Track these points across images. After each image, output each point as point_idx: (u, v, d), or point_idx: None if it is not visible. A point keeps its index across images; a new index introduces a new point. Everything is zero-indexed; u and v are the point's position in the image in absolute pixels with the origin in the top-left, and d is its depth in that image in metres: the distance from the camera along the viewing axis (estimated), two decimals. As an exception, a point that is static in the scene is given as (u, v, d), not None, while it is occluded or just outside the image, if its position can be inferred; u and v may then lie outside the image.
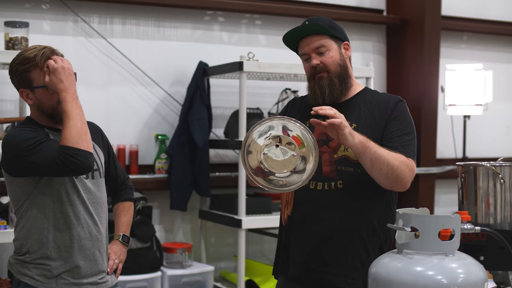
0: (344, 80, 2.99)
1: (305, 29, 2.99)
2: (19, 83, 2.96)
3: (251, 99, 5.76)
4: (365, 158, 2.75)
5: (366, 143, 2.74)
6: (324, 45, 2.97)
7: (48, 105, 2.95)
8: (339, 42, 3.01)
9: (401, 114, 2.97)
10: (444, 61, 6.80)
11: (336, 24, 3.04)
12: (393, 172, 2.77)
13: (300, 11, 6.23)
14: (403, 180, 2.81)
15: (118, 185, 3.36)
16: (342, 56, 3.00)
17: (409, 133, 2.94)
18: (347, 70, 3.01)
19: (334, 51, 2.98)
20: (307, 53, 3.01)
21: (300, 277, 3.00)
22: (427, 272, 2.25)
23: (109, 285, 3.07)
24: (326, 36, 2.97)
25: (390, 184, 2.83)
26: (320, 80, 2.98)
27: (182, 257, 5.45)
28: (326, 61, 2.96)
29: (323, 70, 2.97)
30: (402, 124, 2.93)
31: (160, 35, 5.87)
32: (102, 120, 3.38)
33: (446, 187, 7.04)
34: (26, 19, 4.83)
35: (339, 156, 2.91)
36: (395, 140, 2.87)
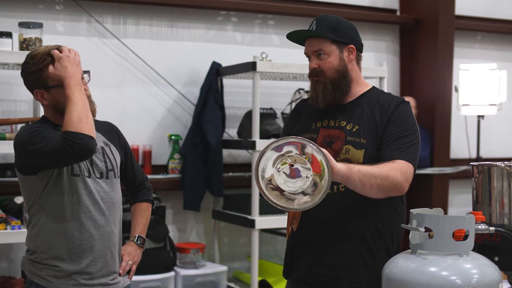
0: (340, 86, 2.96)
1: (305, 33, 3.00)
2: (33, 84, 2.93)
3: (264, 99, 5.76)
4: (354, 180, 2.71)
5: (348, 167, 2.69)
6: (323, 50, 2.95)
7: (65, 104, 2.90)
8: (341, 46, 2.97)
9: (402, 116, 2.92)
10: (457, 61, 6.78)
11: (344, 25, 3.00)
12: (384, 181, 2.74)
13: (313, 11, 6.22)
14: (397, 186, 2.78)
15: (136, 186, 3.34)
16: (342, 61, 2.97)
17: (408, 135, 2.89)
18: (347, 76, 2.97)
19: (333, 56, 2.95)
20: (309, 54, 3.02)
21: (305, 280, 3.01)
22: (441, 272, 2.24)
23: (120, 287, 3.06)
24: (327, 40, 2.95)
25: (386, 194, 2.80)
26: (316, 84, 2.99)
27: (196, 257, 5.46)
28: (323, 66, 2.96)
29: (319, 74, 2.97)
30: (402, 126, 2.89)
31: (173, 36, 5.88)
32: (116, 120, 3.37)
33: (460, 187, 7.02)
34: (40, 19, 4.85)
35: (341, 159, 2.89)
36: (392, 143, 2.85)
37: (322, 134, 2.97)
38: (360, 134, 2.88)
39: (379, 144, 2.87)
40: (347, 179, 2.71)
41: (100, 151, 3.02)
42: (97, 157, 2.99)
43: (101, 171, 2.99)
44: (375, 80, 5.73)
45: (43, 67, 2.89)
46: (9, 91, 5.20)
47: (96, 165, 2.98)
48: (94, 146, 2.78)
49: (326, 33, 2.93)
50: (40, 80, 2.90)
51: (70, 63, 2.85)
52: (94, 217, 2.95)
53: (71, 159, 2.79)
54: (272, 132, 5.47)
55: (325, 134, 2.96)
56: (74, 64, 2.86)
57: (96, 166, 2.98)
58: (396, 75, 6.95)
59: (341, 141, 2.92)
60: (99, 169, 2.98)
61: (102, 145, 3.05)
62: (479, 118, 6.62)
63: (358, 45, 3.02)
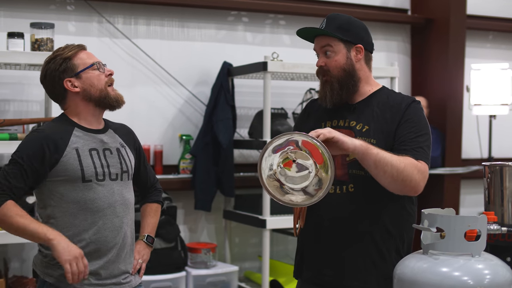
0: (346, 85, 2.95)
1: (313, 31, 3.00)
2: (63, 75, 2.98)
3: (275, 99, 5.76)
4: (368, 161, 2.72)
5: (367, 146, 2.71)
6: (331, 46, 2.94)
7: (97, 86, 2.99)
8: (349, 45, 2.96)
9: (414, 116, 2.90)
10: (469, 61, 6.76)
11: (354, 24, 3.00)
12: (399, 174, 2.71)
13: (324, 11, 6.21)
14: (411, 182, 2.74)
15: (148, 188, 3.37)
16: (349, 60, 2.95)
17: (422, 135, 2.86)
18: (354, 75, 2.96)
19: (340, 55, 2.94)
20: (317, 52, 3.02)
21: (314, 281, 3.00)
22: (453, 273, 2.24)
23: (132, 285, 3.08)
24: (335, 38, 2.94)
25: (399, 188, 2.77)
26: (324, 84, 2.99)
27: (207, 257, 5.46)
28: (330, 64, 2.95)
29: (326, 73, 2.97)
30: (414, 126, 2.87)
31: (184, 36, 5.89)
32: (127, 120, 3.38)
33: (472, 187, 7.00)
34: (51, 20, 4.87)
35: (351, 159, 2.88)
36: (407, 143, 2.82)
37: None
38: (370, 134, 2.87)
39: (390, 144, 2.85)
40: (362, 158, 2.73)
41: (115, 153, 3.04)
42: (113, 159, 3.02)
43: (116, 172, 3.01)
44: (386, 80, 5.72)
45: (71, 55, 2.99)
46: (21, 91, 5.22)
47: (112, 166, 3.00)
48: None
49: (334, 32, 2.93)
50: (70, 68, 2.98)
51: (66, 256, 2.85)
52: (108, 219, 2.97)
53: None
54: (283, 132, 5.46)
55: None
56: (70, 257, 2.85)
57: (112, 167, 3.00)
58: (407, 75, 6.93)
59: None
60: (114, 170, 3.01)
61: (118, 146, 3.08)
62: (490, 118, 6.59)
63: (367, 45, 3.01)
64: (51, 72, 2.99)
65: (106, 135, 3.07)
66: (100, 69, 3.02)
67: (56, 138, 2.92)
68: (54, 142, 2.90)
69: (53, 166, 2.89)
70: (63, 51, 3.00)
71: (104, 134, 3.06)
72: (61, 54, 2.99)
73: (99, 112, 3.05)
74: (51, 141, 2.90)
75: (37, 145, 2.88)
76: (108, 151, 3.03)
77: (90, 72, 2.99)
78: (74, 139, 2.95)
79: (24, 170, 2.86)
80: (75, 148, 2.93)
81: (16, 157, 2.88)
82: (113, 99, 3.04)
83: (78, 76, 2.98)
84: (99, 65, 3.03)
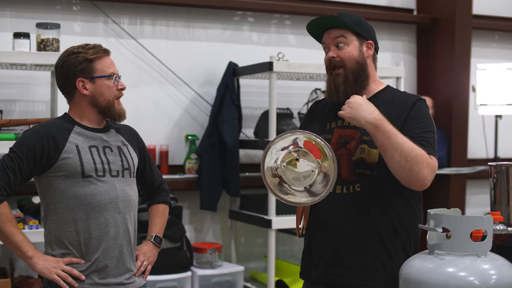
0: (360, 78, 2.94)
1: (328, 21, 2.97)
2: (79, 73, 2.99)
3: (281, 99, 5.76)
4: (377, 141, 2.73)
5: (379, 125, 2.71)
6: (344, 37, 2.93)
7: (105, 97, 3.01)
8: (361, 40, 2.96)
9: (420, 113, 2.89)
10: (475, 61, 6.75)
11: (365, 23, 3.00)
12: (407, 162, 2.68)
13: (330, 11, 6.21)
14: (418, 174, 2.71)
15: (154, 188, 3.37)
16: (361, 53, 2.95)
17: (428, 131, 2.85)
18: (365, 69, 2.95)
19: (352, 47, 2.93)
20: (327, 44, 2.99)
21: (322, 281, 3.00)
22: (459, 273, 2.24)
23: (136, 286, 3.08)
24: (348, 30, 2.93)
25: (405, 177, 2.74)
26: (336, 77, 2.95)
27: (212, 257, 5.46)
28: (343, 55, 2.93)
29: (339, 65, 2.94)
30: (420, 123, 2.86)
31: (190, 36, 5.89)
32: (132, 120, 3.39)
33: (478, 187, 6.99)
34: (57, 20, 4.87)
35: (356, 159, 2.88)
36: (414, 139, 2.81)
37: (337, 135, 2.95)
38: None
39: None
40: (373, 135, 2.74)
41: (116, 151, 3.06)
42: (113, 156, 3.03)
43: (117, 169, 3.02)
44: (392, 80, 5.72)
45: (95, 58, 3.00)
46: (26, 91, 5.23)
47: (113, 163, 3.01)
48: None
49: (350, 24, 2.93)
50: (88, 69, 2.99)
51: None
52: (110, 216, 2.97)
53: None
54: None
55: (339, 134, 2.95)
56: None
57: (113, 164, 3.01)
58: (413, 75, 6.93)
59: (355, 141, 2.90)
60: (115, 167, 3.02)
61: (120, 144, 3.10)
62: (496, 118, 6.58)
63: (375, 43, 3.02)
64: (69, 65, 3.00)
65: (107, 134, 3.08)
66: (114, 81, 3.03)
67: (56, 134, 2.93)
68: (54, 138, 2.92)
69: (53, 162, 2.90)
70: (88, 51, 3.00)
71: (105, 133, 3.08)
72: (86, 53, 2.99)
73: (101, 117, 3.07)
74: (51, 137, 2.92)
75: (37, 140, 2.90)
76: (108, 149, 3.04)
77: (104, 81, 3.00)
78: (74, 136, 2.97)
79: (22, 165, 2.88)
80: (75, 144, 2.95)
81: (16, 150, 2.89)
82: (116, 113, 3.05)
83: (92, 80, 2.99)
84: (115, 78, 3.04)
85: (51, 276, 2.88)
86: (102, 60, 3.02)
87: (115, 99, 3.04)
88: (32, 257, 2.89)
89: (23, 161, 2.87)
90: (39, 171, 2.93)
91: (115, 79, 3.04)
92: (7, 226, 2.87)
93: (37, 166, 2.90)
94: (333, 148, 2.83)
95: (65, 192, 2.93)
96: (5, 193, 2.87)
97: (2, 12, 5.20)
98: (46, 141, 2.90)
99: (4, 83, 5.18)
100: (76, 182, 2.93)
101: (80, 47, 3.02)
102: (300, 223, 3.03)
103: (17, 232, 2.90)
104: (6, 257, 5.07)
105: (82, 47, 3.02)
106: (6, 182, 2.87)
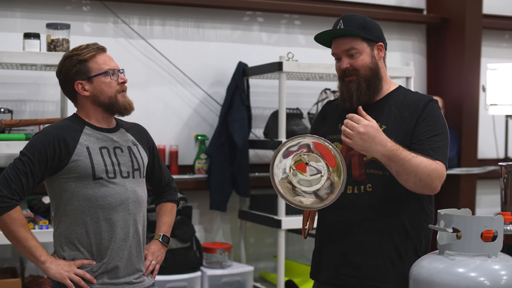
0: (373, 84, 2.94)
1: (336, 33, 2.96)
2: (75, 76, 2.99)
3: (291, 99, 5.76)
4: (391, 168, 2.75)
5: (392, 156, 2.71)
6: (355, 48, 2.91)
7: (106, 94, 2.99)
8: (371, 44, 2.95)
9: (432, 114, 2.89)
10: (485, 60, 6.73)
11: (371, 23, 2.99)
12: (421, 181, 2.73)
13: (339, 10, 6.20)
14: (431, 186, 2.76)
15: (163, 187, 3.37)
16: (373, 58, 2.94)
17: (440, 134, 2.86)
18: (378, 73, 2.95)
19: (365, 54, 2.92)
20: (338, 55, 2.98)
21: (332, 281, 3.00)
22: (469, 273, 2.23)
23: (145, 285, 3.09)
24: (358, 38, 2.92)
25: (418, 190, 2.80)
26: (349, 84, 2.94)
27: (222, 257, 5.47)
28: (356, 64, 2.92)
29: (353, 73, 2.93)
30: (432, 125, 2.86)
31: (199, 36, 5.89)
32: (142, 120, 3.40)
33: (488, 187, 6.97)
34: (67, 21, 4.88)
35: (368, 159, 2.87)
36: (424, 142, 2.81)
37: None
38: (388, 133, 2.86)
39: (407, 143, 2.84)
40: (387, 164, 2.74)
41: (126, 151, 3.05)
42: (124, 157, 3.03)
43: (127, 170, 3.02)
44: (401, 80, 5.71)
45: (88, 58, 2.99)
46: (36, 91, 5.24)
47: (123, 164, 3.01)
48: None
49: (358, 31, 2.91)
50: (83, 70, 2.98)
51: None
52: (120, 217, 2.97)
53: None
54: (299, 132, 5.46)
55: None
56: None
57: (123, 165, 3.01)
58: (423, 75, 6.91)
59: None
60: (125, 168, 3.01)
61: (130, 144, 3.09)
62: (507, 117, 6.56)
63: (384, 43, 3.01)
64: (65, 70, 3.01)
65: (117, 134, 3.08)
66: (112, 76, 3.02)
67: (67, 136, 2.93)
68: (65, 140, 2.92)
69: (64, 164, 2.90)
70: (81, 52, 3.00)
71: (115, 133, 3.08)
72: (78, 55, 2.99)
73: (108, 116, 3.06)
74: (62, 139, 2.91)
75: (48, 142, 2.90)
76: (118, 150, 3.04)
77: (102, 78, 2.99)
78: (84, 137, 2.97)
79: (34, 168, 2.88)
80: (86, 146, 2.95)
81: (28, 153, 2.89)
82: (121, 107, 3.04)
83: (89, 80, 2.99)
84: (112, 72, 3.02)
85: (64, 281, 2.89)
86: (96, 58, 3.00)
87: (118, 93, 3.03)
88: (45, 262, 2.90)
89: (35, 164, 2.88)
90: (50, 173, 2.93)
91: (113, 74, 3.02)
92: (20, 231, 2.88)
93: (48, 169, 2.90)
94: (344, 149, 2.83)
95: (76, 194, 2.93)
96: (17, 197, 2.87)
97: (13, 12, 5.22)
98: (57, 143, 2.90)
99: (14, 83, 5.19)
100: (87, 184, 2.93)
101: (74, 50, 3.03)
102: (306, 225, 3.03)
103: (30, 237, 2.90)
104: (16, 257, 5.08)
105: (76, 49, 3.02)
106: (18, 186, 2.87)
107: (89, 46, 3.03)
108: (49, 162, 2.89)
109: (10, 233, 2.89)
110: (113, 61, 3.07)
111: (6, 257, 5.14)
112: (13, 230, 2.87)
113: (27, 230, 2.90)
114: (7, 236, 2.92)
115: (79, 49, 3.01)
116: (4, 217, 2.85)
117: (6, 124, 4.49)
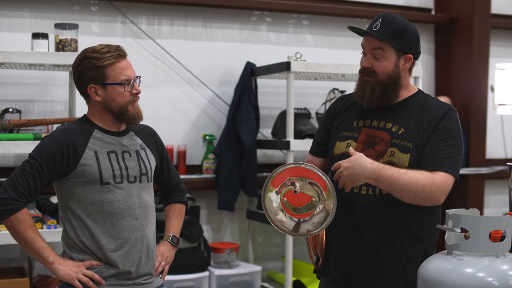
0: (389, 91, 2.92)
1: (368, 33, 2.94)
2: (90, 79, 2.96)
3: (299, 99, 5.76)
4: (381, 188, 2.80)
5: (377, 176, 2.75)
6: (382, 50, 2.90)
7: (118, 103, 2.96)
8: (400, 53, 2.92)
9: (449, 124, 2.89)
10: (493, 60, 6.72)
11: (409, 31, 2.96)
12: (416, 196, 2.75)
13: (348, 10, 6.21)
14: (431, 198, 2.77)
15: (172, 188, 3.36)
16: (397, 68, 2.92)
17: (453, 144, 2.85)
18: (398, 82, 2.93)
19: (389, 61, 2.91)
20: (365, 50, 2.97)
21: (340, 281, 3.00)
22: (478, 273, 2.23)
23: (154, 286, 3.09)
24: (388, 43, 2.90)
25: (418, 203, 2.80)
26: (365, 84, 2.94)
27: (230, 257, 5.47)
28: (377, 67, 2.91)
29: (371, 74, 2.92)
30: (448, 135, 2.86)
31: (207, 36, 5.90)
32: (150, 120, 3.41)
33: (496, 187, 6.95)
34: (75, 21, 4.89)
35: (385, 162, 2.85)
36: (436, 151, 2.82)
37: (364, 134, 2.94)
38: (406, 137, 2.85)
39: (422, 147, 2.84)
40: (376, 185, 2.78)
41: (134, 155, 3.05)
42: (131, 161, 3.02)
43: (134, 175, 3.02)
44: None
45: (106, 65, 2.94)
46: (45, 91, 5.25)
47: (130, 169, 3.01)
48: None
49: (389, 38, 2.88)
50: (99, 76, 2.94)
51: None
52: (127, 222, 2.97)
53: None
54: (306, 132, 5.46)
55: (367, 133, 2.93)
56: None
57: (130, 170, 3.00)
58: (431, 75, 6.90)
59: (385, 143, 2.89)
60: (133, 173, 3.01)
61: (138, 149, 3.08)
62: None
63: (416, 53, 2.99)
64: (81, 70, 2.97)
65: (126, 138, 3.07)
66: (127, 88, 2.98)
67: (75, 140, 2.93)
68: (73, 144, 2.91)
69: (72, 169, 2.90)
70: (102, 56, 2.93)
71: (124, 137, 3.06)
72: (97, 59, 2.93)
73: (117, 121, 3.05)
74: (70, 144, 2.91)
75: (56, 147, 2.89)
76: (127, 154, 3.03)
77: (116, 88, 2.96)
78: (93, 141, 2.96)
79: (42, 171, 2.88)
80: (94, 151, 2.94)
81: (36, 156, 2.89)
82: (131, 117, 3.01)
83: (104, 86, 2.96)
84: (127, 83, 2.98)
85: (72, 281, 2.90)
86: (115, 66, 2.95)
87: (129, 103, 3.00)
88: (53, 263, 2.90)
89: (42, 168, 2.88)
90: (58, 177, 2.93)
91: (127, 85, 2.98)
92: (28, 232, 2.88)
93: (56, 173, 2.90)
94: (359, 147, 2.86)
95: (83, 199, 2.93)
96: (25, 199, 2.88)
97: (21, 12, 5.23)
98: (66, 148, 2.89)
99: (23, 83, 5.20)
100: (94, 188, 2.93)
101: (95, 51, 2.96)
102: (314, 253, 3.05)
103: (37, 238, 2.90)
104: (24, 256, 5.09)
105: (97, 51, 2.95)
106: (26, 189, 2.87)
107: (110, 50, 2.96)
108: (57, 165, 2.89)
109: (17, 235, 2.90)
110: (131, 69, 3.02)
111: (14, 257, 5.15)
112: (20, 232, 2.88)
113: (34, 232, 2.90)
114: (15, 237, 2.92)
115: (100, 51, 2.95)
116: (11, 219, 2.86)
117: (15, 124, 4.50)
